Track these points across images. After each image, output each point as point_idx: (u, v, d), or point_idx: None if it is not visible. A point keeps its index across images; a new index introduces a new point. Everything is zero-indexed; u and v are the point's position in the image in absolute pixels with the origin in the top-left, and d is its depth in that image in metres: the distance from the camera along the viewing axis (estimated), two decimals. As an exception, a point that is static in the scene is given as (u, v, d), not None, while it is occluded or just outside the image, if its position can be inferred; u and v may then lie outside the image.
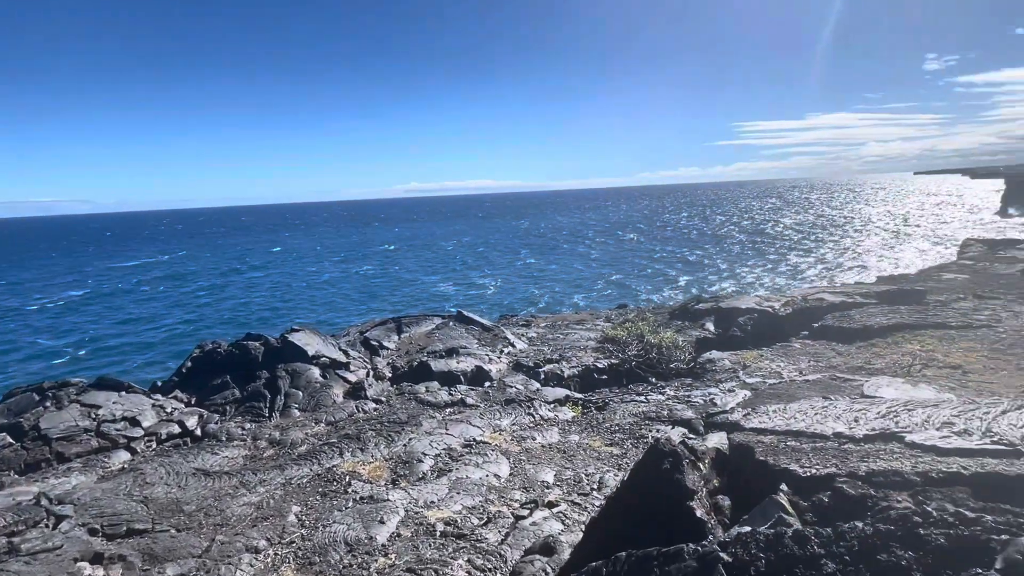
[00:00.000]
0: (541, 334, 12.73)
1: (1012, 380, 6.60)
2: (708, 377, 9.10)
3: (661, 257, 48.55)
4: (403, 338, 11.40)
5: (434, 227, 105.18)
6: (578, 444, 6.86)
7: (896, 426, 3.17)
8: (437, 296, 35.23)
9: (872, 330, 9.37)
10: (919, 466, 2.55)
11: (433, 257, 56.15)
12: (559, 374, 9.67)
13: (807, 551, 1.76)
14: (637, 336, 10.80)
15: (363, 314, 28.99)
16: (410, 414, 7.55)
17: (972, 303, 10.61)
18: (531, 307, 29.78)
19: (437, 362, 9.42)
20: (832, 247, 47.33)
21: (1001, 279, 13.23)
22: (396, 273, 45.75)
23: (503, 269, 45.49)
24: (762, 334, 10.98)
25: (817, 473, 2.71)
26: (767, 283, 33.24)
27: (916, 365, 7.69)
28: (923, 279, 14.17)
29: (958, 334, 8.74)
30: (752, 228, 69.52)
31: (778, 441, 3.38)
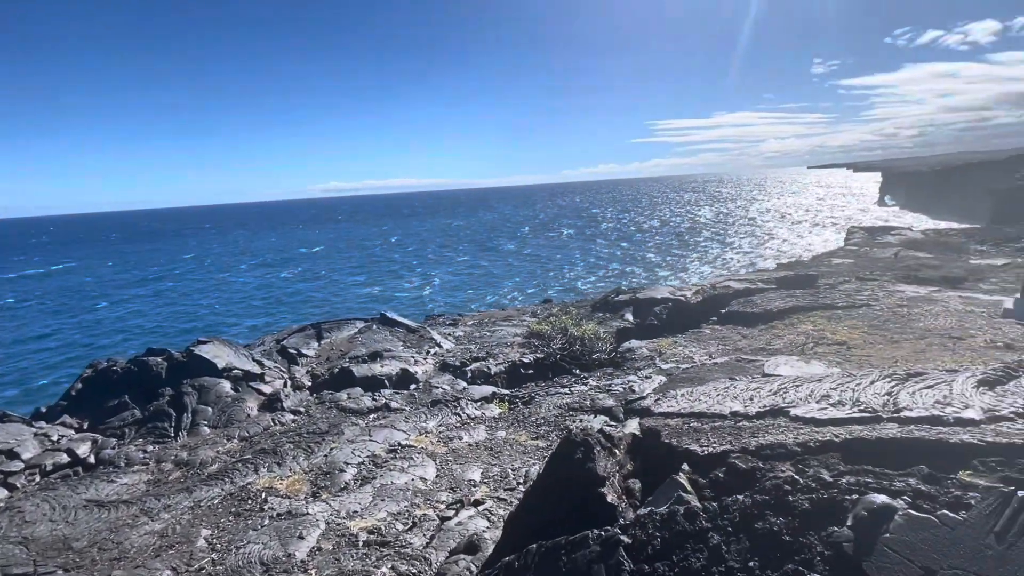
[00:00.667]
0: (468, 333, 12.71)
1: (886, 352, 7.39)
2: (628, 365, 9.48)
3: (587, 251, 49.96)
4: (323, 344, 10.98)
5: (360, 227, 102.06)
6: (505, 440, 6.93)
7: (784, 402, 3.45)
8: (364, 299, 34.24)
9: (772, 313, 10.14)
10: (800, 437, 2.79)
11: (360, 259, 54.46)
12: (486, 372, 9.70)
13: (696, 526, 1.88)
14: (561, 330, 11.06)
15: (283, 322, 27.62)
16: (331, 423, 7.29)
17: (855, 285, 11.77)
18: (459, 306, 29.67)
19: (360, 367, 9.16)
20: (739, 238, 50.78)
21: (879, 262, 14.77)
22: (320, 276, 43.95)
23: (432, 268, 44.98)
24: (676, 322, 11.58)
25: (714, 451, 2.89)
26: (682, 273, 35.12)
27: (809, 344, 8.42)
28: (815, 264, 15.53)
29: (844, 313, 9.66)
30: (670, 221, 73.17)
31: (682, 423, 3.58)
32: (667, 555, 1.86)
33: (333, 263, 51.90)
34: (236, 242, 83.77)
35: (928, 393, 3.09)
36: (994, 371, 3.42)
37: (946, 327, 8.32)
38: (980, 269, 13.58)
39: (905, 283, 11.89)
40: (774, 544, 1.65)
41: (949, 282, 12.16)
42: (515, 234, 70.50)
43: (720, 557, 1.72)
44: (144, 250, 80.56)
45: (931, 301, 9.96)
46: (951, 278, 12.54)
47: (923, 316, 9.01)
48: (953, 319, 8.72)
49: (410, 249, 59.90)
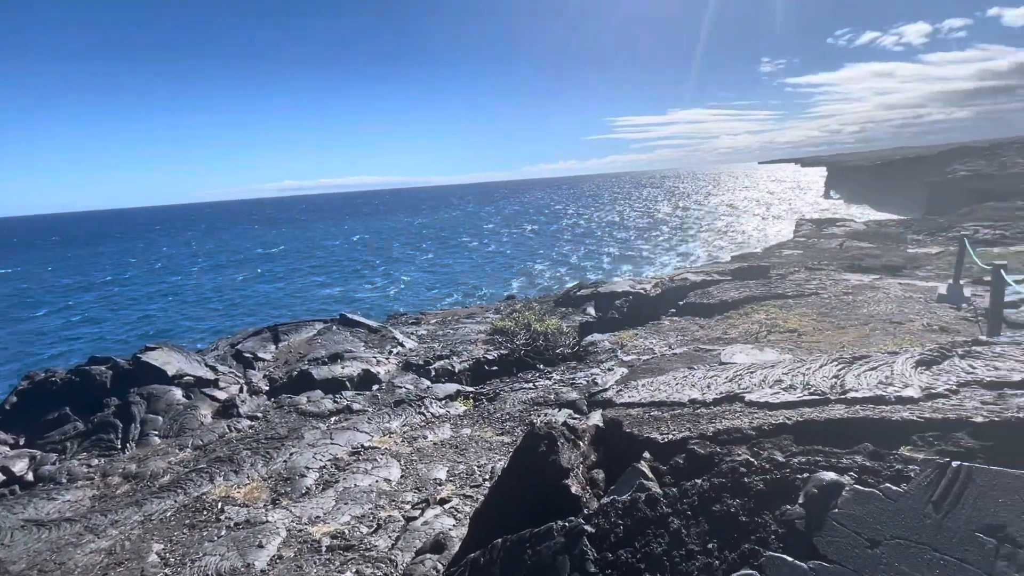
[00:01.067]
0: (431, 331, 12.60)
1: (833, 338, 7.73)
2: (591, 359, 9.59)
3: (549, 247, 50.29)
4: (281, 347, 10.67)
5: (320, 227, 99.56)
6: (470, 437, 6.90)
7: (739, 388, 3.56)
8: (326, 299, 33.42)
9: (727, 304, 10.45)
10: (755, 421, 2.88)
11: (322, 259, 53.07)
12: (450, 369, 9.63)
13: (657, 512, 1.91)
14: (524, 326, 11.09)
15: (242, 325, 26.69)
16: (291, 427, 7.09)
17: (804, 274, 12.26)
18: (423, 304, 29.39)
19: (319, 369, 8.94)
20: (696, 231, 52.17)
21: (826, 252, 15.43)
22: (280, 278, 42.64)
23: (395, 267, 44.36)
24: (637, 314, 11.80)
25: (674, 438, 2.95)
26: (643, 267, 35.82)
27: (763, 332, 8.72)
28: (767, 256, 16.09)
29: (794, 302, 10.05)
30: (630, 216, 74.47)
31: (643, 412, 3.64)
32: (630, 542, 1.88)
33: (293, 264, 50.48)
34: (187, 244, 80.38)
35: (872, 375, 3.25)
36: (930, 352, 3.62)
37: (887, 313, 8.77)
38: (917, 257, 14.38)
39: (850, 272, 12.47)
40: (731, 525, 1.69)
41: (889, 270, 12.82)
42: (479, 231, 70.33)
43: (680, 541, 1.75)
44: (87, 254, 76.28)
45: (874, 288, 10.48)
46: (891, 266, 13.23)
47: (867, 303, 9.46)
48: (894, 305, 9.19)
49: (373, 248, 58.88)
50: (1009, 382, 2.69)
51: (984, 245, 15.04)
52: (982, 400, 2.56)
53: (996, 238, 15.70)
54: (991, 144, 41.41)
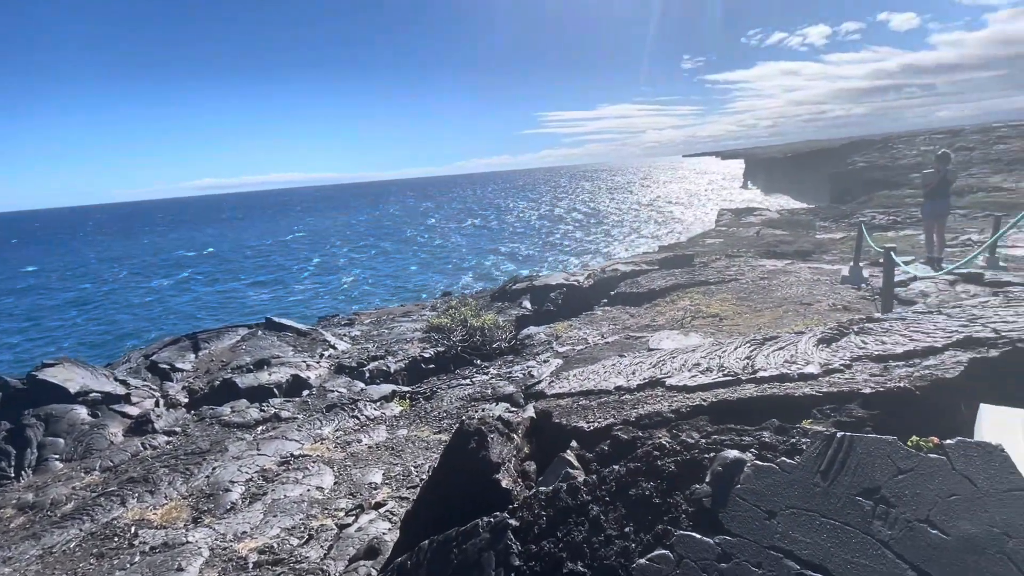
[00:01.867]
0: (365, 331, 12.28)
1: (750, 320, 8.22)
2: (527, 351, 9.69)
3: (486, 242, 50.28)
4: (201, 356, 10.04)
5: (251, 226, 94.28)
6: (407, 438, 6.78)
7: (661, 373, 3.70)
8: (258, 304, 31.69)
9: (655, 292, 10.87)
10: (674, 404, 3.00)
11: (252, 260, 50.24)
12: (385, 370, 9.43)
13: (578, 500, 1.94)
14: (461, 322, 11.03)
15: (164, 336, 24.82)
16: (213, 440, 6.69)
17: (725, 262, 12.95)
18: (360, 304, 28.57)
19: (244, 377, 8.49)
20: (626, 223, 53.88)
21: (744, 240, 16.37)
22: (205, 282, 39.97)
23: (331, 267, 42.81)
24: (571, 306, 12.05)
25: (599, 425, 3.02)
26: (578, 259, 36.57)
27: (688, 318, 9.14)
28: (692, 245, 16.86)
29: (716, 288, 10.60)
30: (564, 210, 75.76)
31: (573, 402, 3.71)
32: (553, 532, 1.90)
33: (221, 266, 47.50)
34: (95, 248, 73.89)
35: (779, 354, 3.47)
36: (831, 330, 3.91)
37: (798, 295, 9.42)
38: (824, 243, 15.55)
39: (766, 258, 13.30)
40: (646, 508, 1.75)
41: (800, 255, 13.79)
42: (416, 227, 69.18)
43: (599, 527, 1.79)
44: (-31, 263, 68.41)
45: (786, 273, 11.23)
46: (802, 252, 14.23)
47: (780, 286, 10.12)
48: (804, 288, 9.89)
49: (306, 247, 56.52)
50: (893, 355, 2.96)
51: (880, 230, 16.49)
52: (871, 373, 2.80)
53: (889, 223, 17.25)
54: (884, 137, 45.42)
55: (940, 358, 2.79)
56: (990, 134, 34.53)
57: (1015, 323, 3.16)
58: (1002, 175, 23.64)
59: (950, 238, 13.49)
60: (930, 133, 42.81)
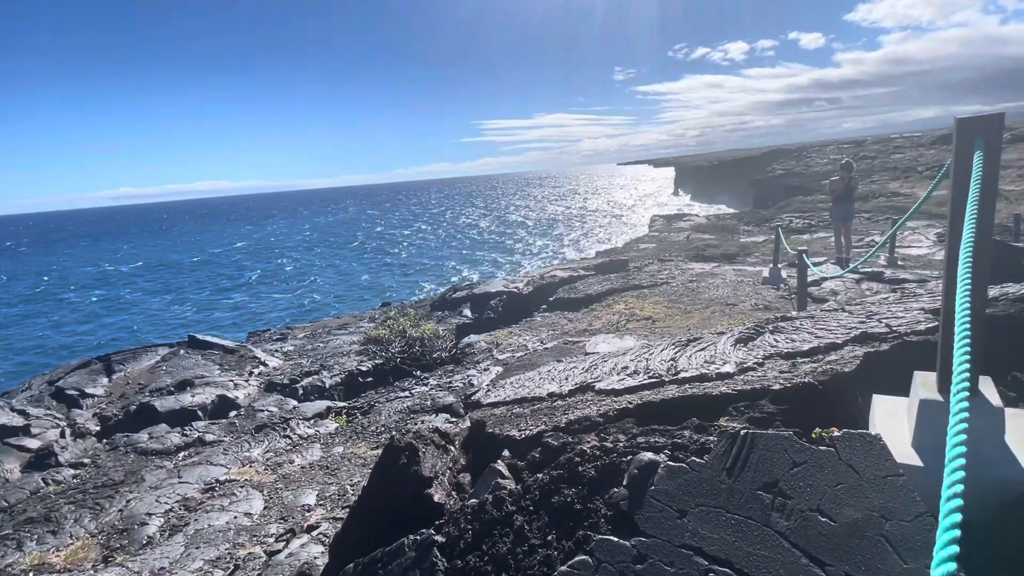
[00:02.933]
0: (299, 346, 11.81)
1: (681, 322, 8.57)
2: (467, 360, 9.64)
3: (428, 250, 49.75)
4: (116, 379, 9.31)
5: (177, 238, 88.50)
6: (342, 455, 6.56)
7: (592, 377, 3.79)
8: (184, 321, 29.68)
9: (592, 297, 11.13)
10: (602, 408, 3.07)
11: (183, 273, 47.03)
12: (320, 385, 9.10)
13: (503, 511, 1.94)
14: (400, 332, 10.83)
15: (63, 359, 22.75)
16: (128, 470, 6.20)
17: (657, 266, 13.46)
18: (293, 318, 27.44)
19: (164, 400, 7.94)
20: (565, 230, 54.92)
21: (675, 245, 17.07)
22: (121, 300, 37.01)
23: (263, 279, 40.87)
24: (512, 312, 12.11)
25: (531, 433, 3.05)
26: (518, 265, 36.86)
27: (623, 321, 9.41)
28: (627, 250, 17.41)
29: (649, 292, 10.98)
30: (497, 218, 76.29)
31: (507, 411, 3.71)
32: (478, 546, 1.89)
33: (145, 281, 44.20)
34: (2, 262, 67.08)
35: (700, 355, 3.64)
36: (748, 330, 4.14)
37: (724, 296, 9.93)
38: (748, 246, 16.48)
39: (695, 261, 13.94)
40: (568, 514, 1.77)
41: (727, 258, 14.55)
42: (358, 236, 67.43)
43: (523, 537, 1.79)
44: None
45: (714, 275, 11.80)
46: (728, 255, 15.01)
47: (708, 288, 10.63)
48: (729, 289, 10.43)
49: (238, 259, 53.71)
50: (800, 352, 3.17)
51: (796, 233, 17.67)
52: (780, 370, 2.98)
53: (805, 227, 18.52)
54: (799, 147, 48.86)
55: (840, 353, 3.02)
56: (888, 144, 37.91)
57: (904, 318, 3.47)
58: (899, 181, 25.99)
59: (856, 240, 14.65)
60: (838, 143, 46.47)
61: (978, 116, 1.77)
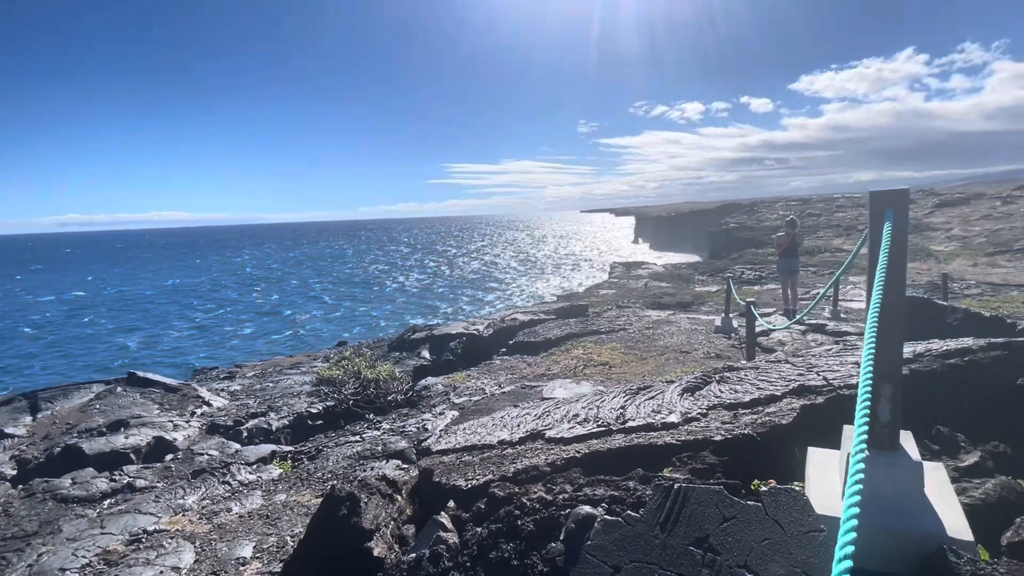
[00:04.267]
0: (247, 385, 11.34)
1: (636, 368, 8.69)
2: (423, 404, 9.44)
3: (390, 288, 49.19)
4: (41, 419, 8.67)
5: (129, 268, 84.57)
6: (285, 503, 6.22)
7: (543, 425, 3.78)
8: (129, 356, 28.01)
9: (551, 341, 11.19)
10: (550, 457, 3.06)
11: (130, 306, 44.62)
12: (266, 428, 8.70)
13: (439, 567, 1.88)
14: (354, 373, 10.54)
15: None
16: (43, 520, 5.70)
17: (616, 312, 13.71)
18: (242, 355, 26.38)
19: (93, 442, 7.42)
20: (527, 273, 55.54)
21: (633, 292, 17.47)
22: (54, 332, 34.71)
23: (216, 313, 39.30)
24: (470, 355, 12.02)
25: (478, 483, 2.99)
26: (480, 307, 36.81)
27: (580, 366, 9.46)
28: (586, 296, 17.69)
29: (607, 337, 11.13)
30: (469, 259, 76.64)
31: (456, 458, 3.64)
32: (413, 604, 1.82)
33: (86, 312, 41.72)
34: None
35: (649, 404, 3.69)
36: (696, 379, 4.24)
37: (678, 344, 10.16)
38: (702, 295, 17.02)
39: (652, 309, 14.28)
40: (505, 570, 1.74)
41: (682, 306, 14.97)
42: (322, 272, 66.15)
43: (459, 595, 1.74)
44: None
45: (669, 323, 12.10)
46: (683, 303, 15.45)
47: (663, 336, 10.87)
48: (683, 337, 10.69)
49: (192, 291, 51.62)
50: (742, 403, 3.26)
51: (748, 284, 18.41)
52: (722, 420, 3.06)
53: (755, 278, 19.33)
54: (751, 202, 51.53)
55: (779, 405, 3.12)
56: (832, 203, 40.47)
57: (840, 372, 3.63)
58: (842, 238, 27.64)
59: (803, 292, 15.37)
60: (786, 200, 49.28)
61: (887, 190, 1.94)
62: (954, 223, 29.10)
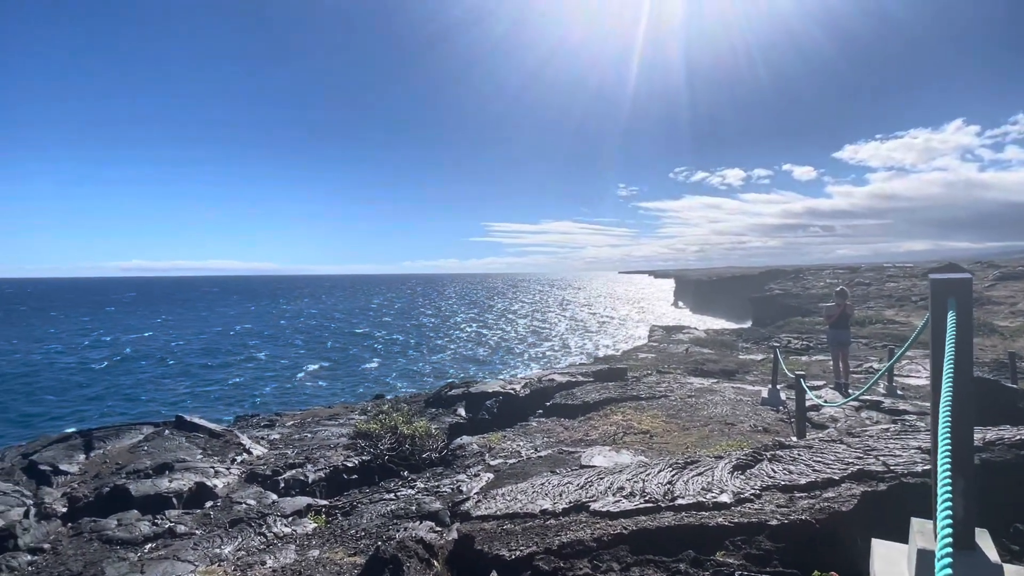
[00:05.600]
0: (286, 435, 11.49)
1: (679, 439, 8.40)
2: (458, 463, 9.32)
3: (430, 341, 49.69)
4: (93, 457, 8.99)
5: (188, 312, 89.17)
6: (317, 560, 6.16)
7: (586, 496, 3.70)
8: (177, 397, 29.03)
9: (589, 405, 10.98)
10: (596, 532, 2.99)
11: (183, 349, 46.52)
12: (303, 480, 8.74)
13: (489, 643, 1.85)
14: (391, 428, 10.57)
15: (46, 430, 22.00)
16: (88, 560, 5.82)
17: (656, 377, 13.40)
18: (282, 403, 26.88)
19: (140, 484, 7.62)
20: (565, 333, 55.18)
21: (674, 357, 17.10)
22: (116, 373, 36.40)
23: (261, 361, 40.49)
24: (507, 415, 11.88)
25: (521, 554, 2.94)
26: (516, 367, 36.59)
27: (619, 433, 9.21)
28: (625, 358, 17.40)
29: (647, 404, 10.85)
30: (511, 316, 77.00)
31: (497, 526, 3.59)
32: None
33: (146, 354, 43.67)
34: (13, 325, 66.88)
35: (698, 480, 3.58)
36: (746, 456, 4.10)
37: (723, 415, 9.80)
38: (746, 363, 16.48)
39: (694, 375, 13.89)
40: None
41: (726, 375, 14.51)
42: (366, 323, 67.72)
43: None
44: None
45: (712, 392, 11.72)
46: (727, 371, 14.98)
47: (707, 405, 10.51)
48: (728, 407, 10.32)
49: (241, 338, 53.56)
50: (798, 485, 3.13)
51: (795, 354, 17.75)
52: (778, 503, 2.93)
53: (803, 348, 18.64)
54: (795, 269, 50.45)
55: (838, 490, 2.98)
56: (882, 273, 39.15)
57: (902, 457, 3.46)
58: (894, 309, 26.52)
59: (855, 365, 14.69)
60: (833, 268, 48.00)
61: (949, 278, 1.95)
62: (1018, 297, 27.57)
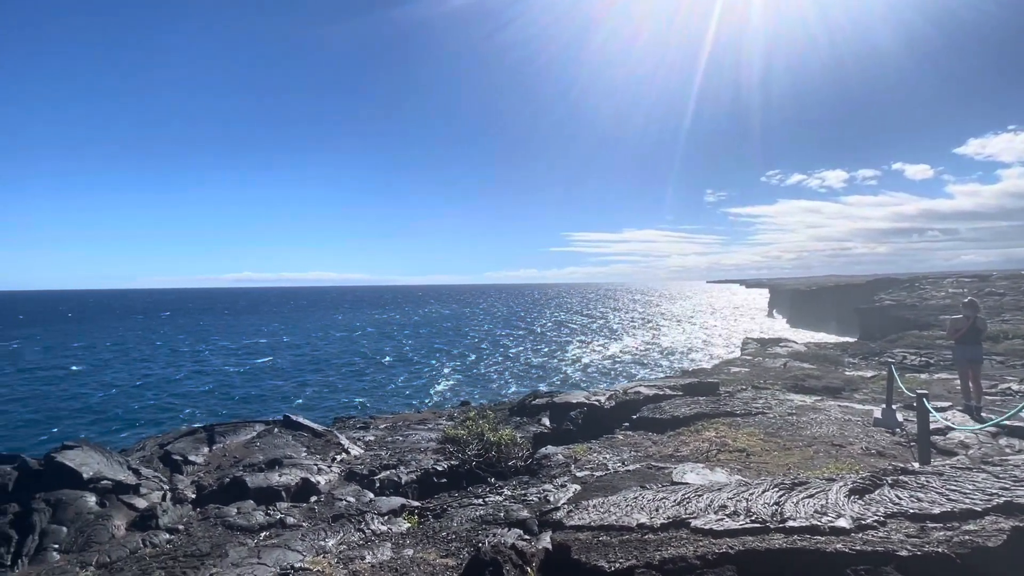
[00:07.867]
0: (380, 437, 12.09)
1: (780, 459, 7.87)
2: (544, 473, 9.33)
3: (513, 351, 50.30)
4: (215, 450, 9.96)
5: (301, 319, 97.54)
6: (411, 559, 6.42)
7: (685, 512, 3.57)
8: (282, 398, 31.64)
9: (679, 420, 10.58)
10: (699, 550, 2.88)
11: (292, 354, 50.80)
12: (396, 481, 9.15)
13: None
14: (477, 435, 10.81)
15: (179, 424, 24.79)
16: (214, 543, 6.45)
17: (751, 393, 12.66)
18: (375, 407, 28.31)
19: (255, 477, 8.34)
20: (649, 344, 53.58)
21: (770, 371, 16.06)
22: (248, 373, 40.32)
23: (358, 366, 43.05)
24: (591, 427, 11.74)
25: (621, 567, 2.90)
26: (599, 377, 36.01)
27: (713, 450, 8.79)
28: (716, 372, 16.60)
29: (742, 421, 10.28)
30: (589, 325, 76.19)
31: (592, 537, 3.57)
32: None
33: (263, 358, 48.13)
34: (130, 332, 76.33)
35: (809, 502, 3.35)
36: (863, 480, 3.78)
37: (829, 435, 9.06)
38: (853, 380, 15.12)
39: (793, 392, 12.96)
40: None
41: (830, 392, 13.40)
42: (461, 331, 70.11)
43: None
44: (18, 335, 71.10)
45: (816, 410, 10.88)
46: (831, 388, 13.83)
47: (810, 424, 9.78)
48: (835, 427, 9.53)
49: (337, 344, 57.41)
50: (930, 515, 2.84)
51: (912, 371, 16.04)
52: (907, 533, 2.68)
53: (922, 365, 16.80)
54: (910, 277, 45.68)
55: (981, 523, 2.67)
56: (1019, 280, 34.45)
57: (1059, 490, 3.03)
58: (1036, 323, 23.19)
59: (989, 386, 13.01)
60: (958, 276, 42.98)
61: None
62: None
